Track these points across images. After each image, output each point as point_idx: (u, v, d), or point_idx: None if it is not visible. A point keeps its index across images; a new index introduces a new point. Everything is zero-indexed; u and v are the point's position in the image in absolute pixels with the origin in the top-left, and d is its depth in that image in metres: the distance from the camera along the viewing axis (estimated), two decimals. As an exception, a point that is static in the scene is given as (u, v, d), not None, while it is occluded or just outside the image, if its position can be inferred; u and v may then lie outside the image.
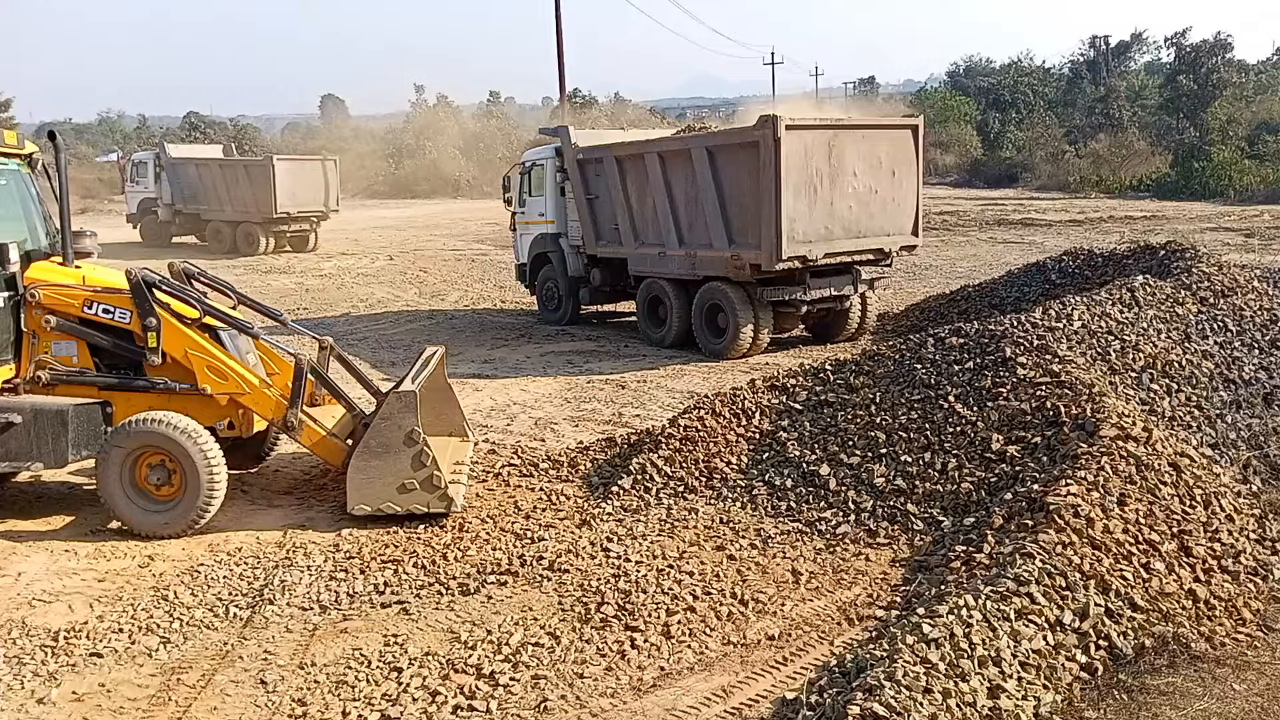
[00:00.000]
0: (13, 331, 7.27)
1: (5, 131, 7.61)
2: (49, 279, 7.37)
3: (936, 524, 6.53)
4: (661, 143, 14.35)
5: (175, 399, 7.36)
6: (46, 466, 7.20)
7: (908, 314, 15.14)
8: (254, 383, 7.35)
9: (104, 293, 7.38)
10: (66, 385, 7.38)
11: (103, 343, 7.41)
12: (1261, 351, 8.55)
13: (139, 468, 7.07)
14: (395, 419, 6.96)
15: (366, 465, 7.00)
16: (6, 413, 7.02)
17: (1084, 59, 61.67)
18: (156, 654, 5.41)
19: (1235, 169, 37.59)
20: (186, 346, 7.28)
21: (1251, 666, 4.90)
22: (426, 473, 7.00)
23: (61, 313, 7.31)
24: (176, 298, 7.42)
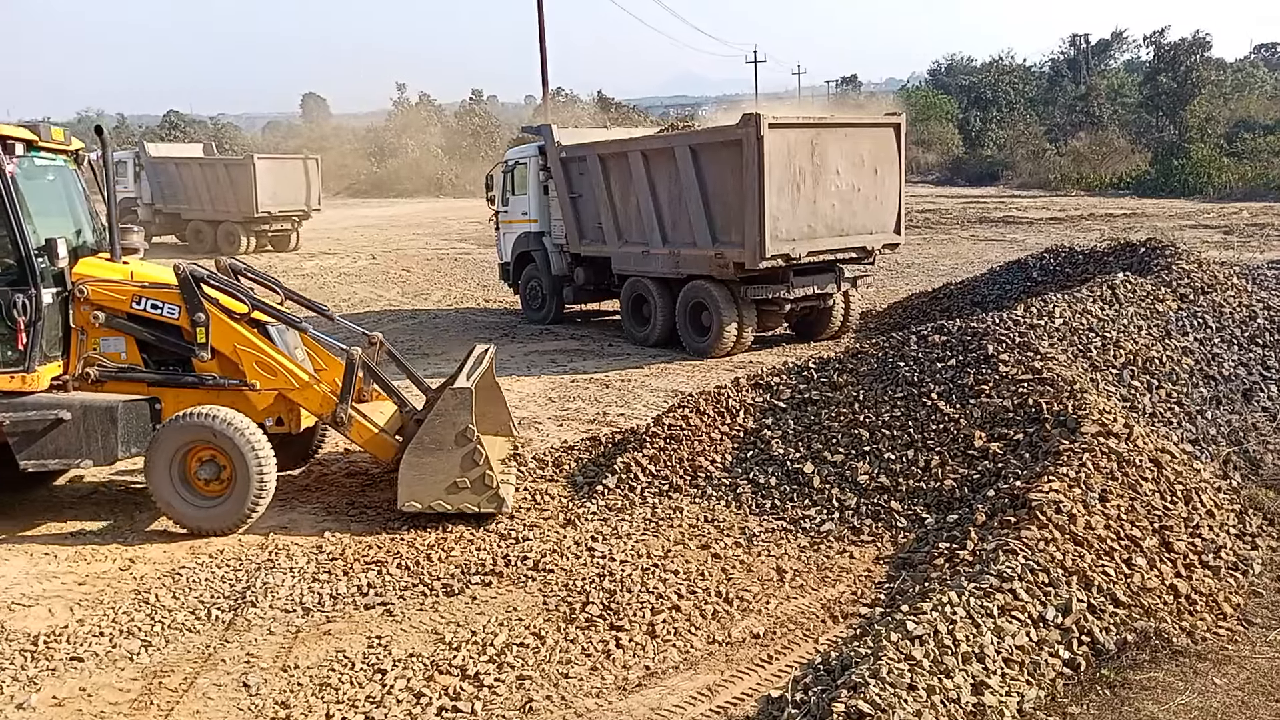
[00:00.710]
0: (61, 328, 7.24)
1: (53, 128, 7.58)
2: (97, 275, 7.34)
3: (920, 521, 6.56)
4: (645, 141, 14.34)
5: (224, 394, 7.34)
6: (96, 463, 7.19)
7: (890, 312, 15.19)
8: (303, 378, 7.34)
9: (152, 288, 7.35)
10: (115, 382, 7.35)
11: (151, 338, 7.39)
12: (1240, 348, 8.63)
13: (189, 463, 7.05)
14: (450, 416, 6.90)
15: (419, 462, 6.93)
16: (56, 410, 7.00)
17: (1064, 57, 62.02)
18: (138, 657, 5.37)
19: (1214, 166, 37.85)
20: (235, 341, 7.28)
21: (1232, 661, 4.93)
22: (479, 472, 6.93)
23: (110, 308, 7.27)
24: (225, 292, 7.41)
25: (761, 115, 12.00)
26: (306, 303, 8.29)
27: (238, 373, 7.32)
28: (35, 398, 7.03)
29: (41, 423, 6.97)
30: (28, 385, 6.98)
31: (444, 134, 63.93)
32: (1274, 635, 5.19)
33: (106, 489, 8.20)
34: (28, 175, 7.10)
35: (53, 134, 7.47)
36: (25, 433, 6.97)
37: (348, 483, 8.23)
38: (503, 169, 17.08)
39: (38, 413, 6.97)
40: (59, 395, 7.15)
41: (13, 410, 6.96)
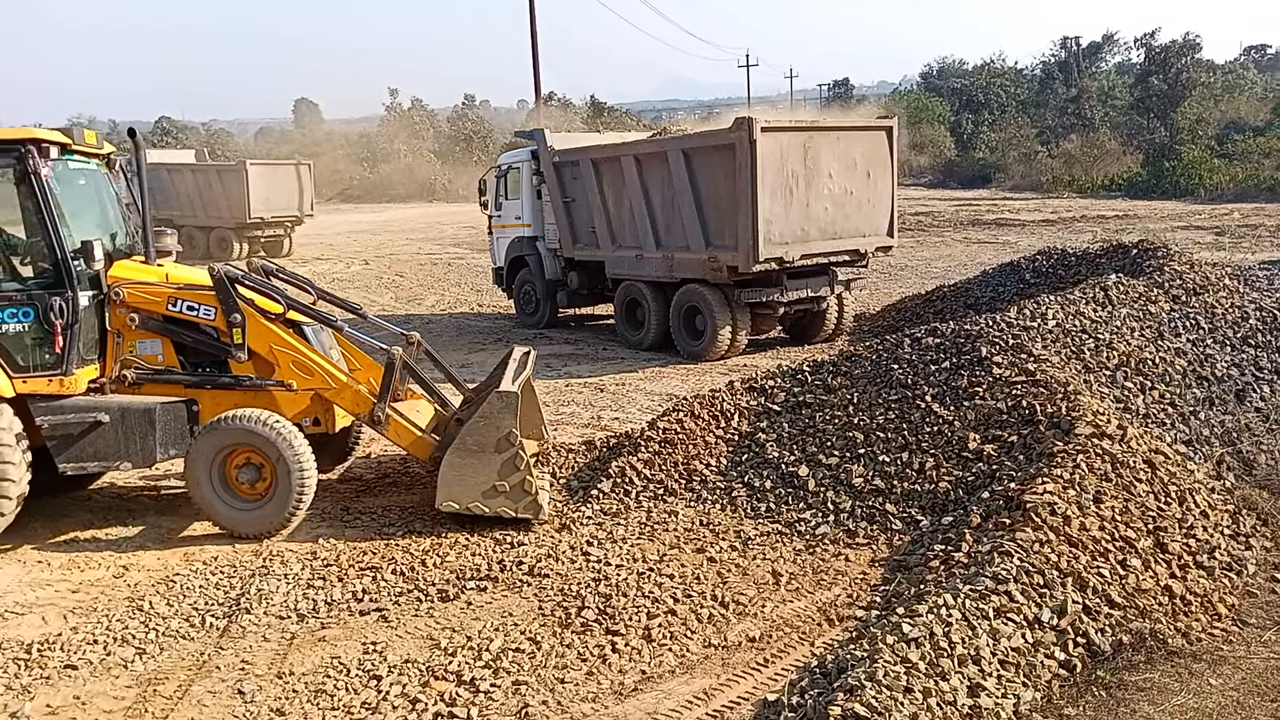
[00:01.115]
0: (97, 331, 7.24)
1: (86, 131, 7.57)
2: (133, 277, 7.35)
3: (915, 523, 6.56)
4: (638, 145, 14.35)
5: (260, 395, 7.35)
6: (135, 466, 7.21)
7: (884, 314, 15.21)
8: (340, 378, 7.34)
9: (188, 290, 7.35)
10: (152, 384, 7.35)
11: (187, 340, 7.39)
12: (1233, 349, 8.65)
13: (228, 466, 7.05)
14: (494, 419, 6.88)
15: (460, 463, 6.92)
16: (94, 412, 7.00)
17: (1055, 60, 62.10)
18: (132, 665, 5.35)
19: (1205, 168, 37.99)
20: (271, 342, 7.29)
21: (1227, 661, 4.94)
22: (519, 477, 6.92)
23: (146, 311, 7.27)
24: (260, 293, 7.42)
25: (754, 119, 12.02)
26: (339, 302, 8.27)
27: (274, 373, 7.34)
28: (73, 401, 7.05)
29: (80, 426, 6.98)
30: (65, 388, 7.00)
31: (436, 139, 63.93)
32: (1269, 635, 5.20)
33: (99, 496, 8.17)
34: (62, 179, 7.12)
35: (86, 137, 7.49)
36: (64, 436, 6.99)
37: (342, 489, 8.21)
38: (496, 174, 17.10)
39: (76, 416, 6.99)
40: (97, 398, 7.17)
41: (51, 414, 6.97)
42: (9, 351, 6.89)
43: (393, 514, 7.50)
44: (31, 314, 6.89)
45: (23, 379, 6.92)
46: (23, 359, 6.91)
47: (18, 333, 6.89)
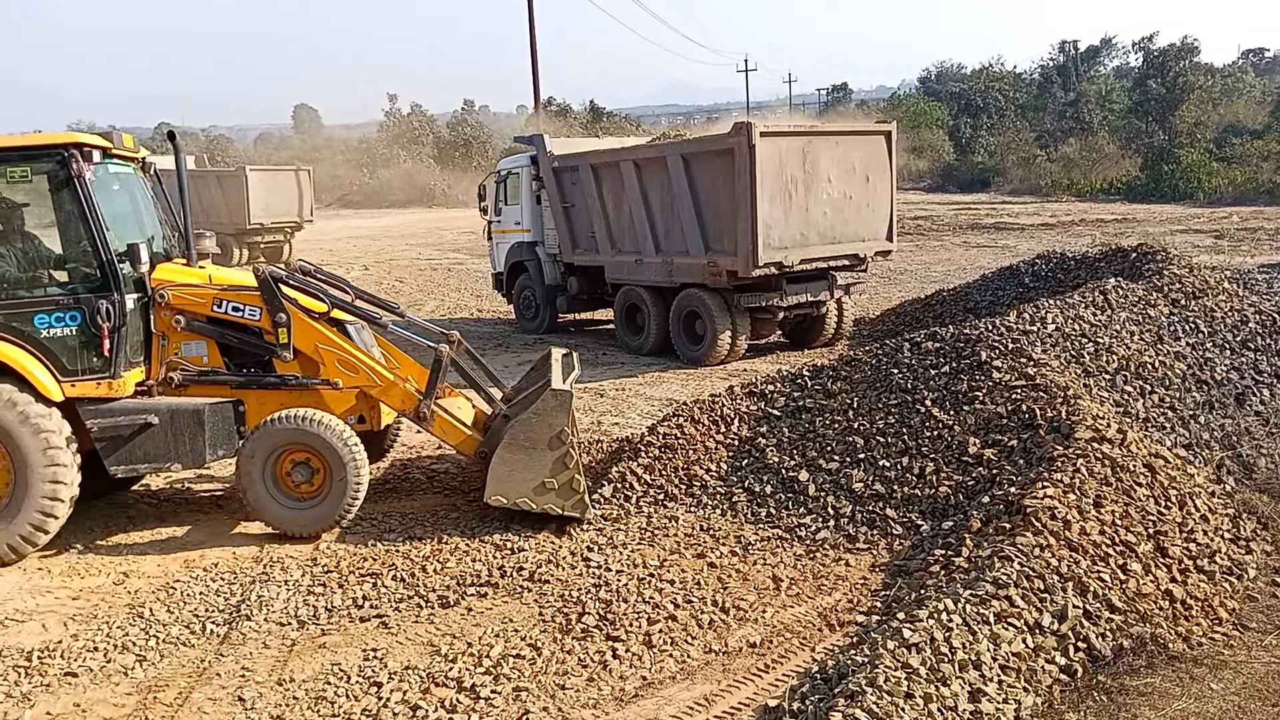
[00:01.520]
0: (142, 333, 7.28)
1: (124, 136, 7.61)
2: (177, 279, 7.39)
3: (915, 528, 6.56)
4: (637, 150, 14.36)
5: (306, 394, 7.39)
6: (184, 467, 7.26)
7: (884, 319, 15.22)
8: (386, 375, 7.40)
9: (233, 291, 7.40)
10: (198, 385, 7.38)
11: (232, 341, 7.43)
12: (1232, 352, 8.65)
13: (281, 465, 7.08)
14: (548, 416, 6.91)
15: (511, 458, 6.94)
16: (144, 414, 7.03)
17: (1054, 64, 62.25)
18: (133, 672, 5.35)
19: (1204, 171, 38.06)
20: (317, 341, 7.34)
21: (1228, 666, 4.94)
22: (568, 476, 6.95)
23: (191, 312, 7.32)
24: (304, 292, 7.47)
25: (753, 124, 12.04)
26: (377, 301, 8.29)
27: (319, 372, 7.39)
28: (122, 403, 7.07)
29: (130, 428, 7.02)
30: (114, 391, 7.02)
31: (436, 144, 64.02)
32: (1269, 640, 5.19)
33: (99, 503, 8.17)
34: (102, 183, 7.15)
35: (124, 141, 7.54)
36: (113, 438, 7.02)
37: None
38: (495, 179, 17.12)
39: (126, 418, 7.02)
40: (145, 400, 7.21)
41: (100, 416, 7.00)
42: (57, 356, 6.92)
43: (393, 520, 7.50)
44: (79, 318, 6.92)
45: (71, 383, 6.94)
46: (71, 363, 6.94)
47: (65, 337, 6.92)
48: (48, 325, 6.89)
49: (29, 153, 6.93)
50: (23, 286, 6.94)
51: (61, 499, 6.82)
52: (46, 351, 6.88)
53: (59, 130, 6.84)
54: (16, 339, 6.83)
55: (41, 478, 6.72)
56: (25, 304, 6.88)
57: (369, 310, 7.78)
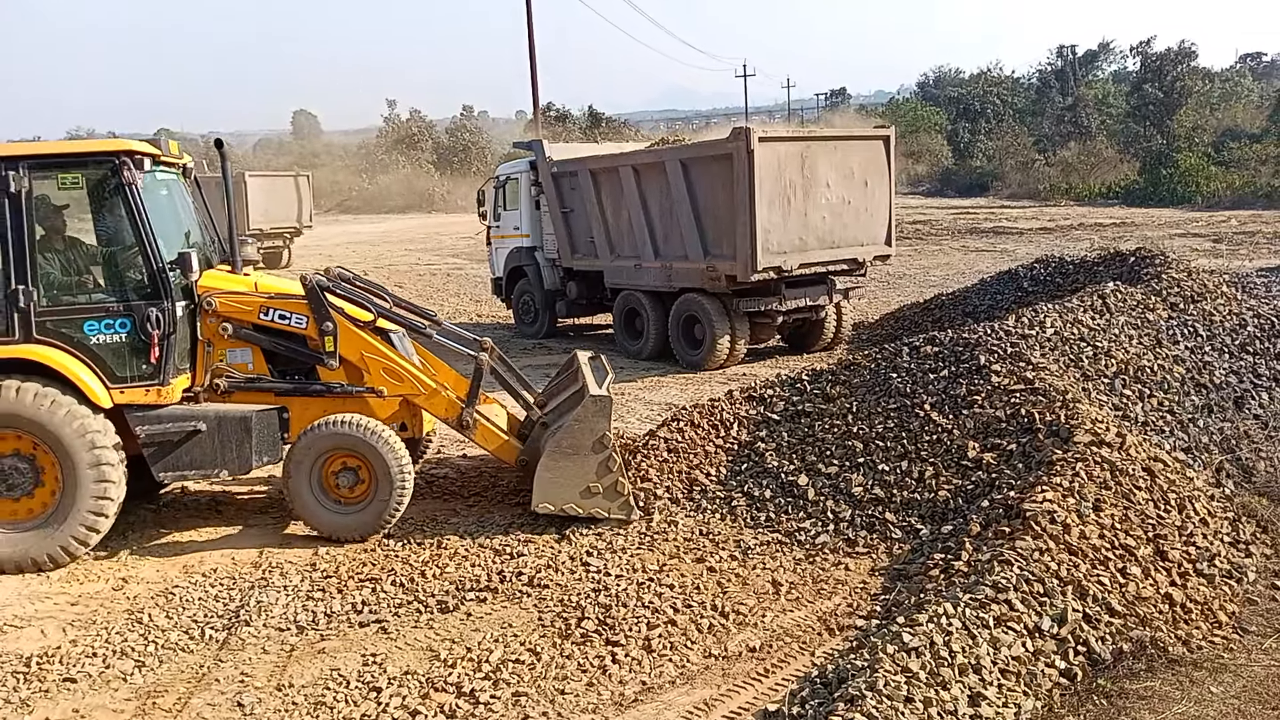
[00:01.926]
0: (189, 340, 7.29)
1: (170, 142, 7.65)
2: (223, 287, 7.42)
3: (915, 532, 6.56)
4: (636, 156, 14.37)
5: (350, 402, 7.43)
6: (231, 474, 7.30)
7: (883, 323, 15.22)
8: (429, 383, 7.46)
9: (279, 299, 7.43)
10: (243, 392, 7.40)
11: (277, 349, 7.45)
12: (1231, 356, 8.66)
13: (327, 470, 7.13)
14: (589, 422, 6.98)
15: (555, 465, 7.01)
16: (191, 421, 7.06)
17: (1052, 69, 62.36)
18: (131, 678, 5.34)
19: (1202, 175, 38.13)
20: (362, 349, 7.38)
21: (1228, 669, 4.94)
22: (612, 479, 7.04)
23: (238, 320, 7.35)
24: (350, 301, 7.51)
25: (751, 129, 12.05)
26: (414, 309, 8.31)
27: (362, 380, 7.43)
28: (170, 410, 7.10)
29: (178, 435, 7.05)
30: (162, 398, 7.05)
31: (435, 150, 64.09)
32: (1269, 643, 5.19)
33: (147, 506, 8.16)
34: (149, 190, 7.17)
35: (170, 147, 7.57)
36: (161, 445, 7.05)
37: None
38: (494, 184, 17.14)
39: (175, 425, 7.05)
40: (193, 407, 7.23)
41: (148, 423, 7.02)
42: (106, 362, 6.94)
43: (391, 525, 7.49)
44: (128, 325, 6.94)
45: (120, 389, 6.96)
46: (120, 369, 6.96)
47: (115, 343, 6.93)
48: (97, 332, 6.91)
49: (81, 159, 6.96)
50: (72, 293, 6.98)
51: (109, 505, 6.84)
52: (95, 358, 6.91)
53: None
54: (66, 345, 6.85)
55: (90, 484, 6.75)
56: (75, 310, 6.91)
57: (410, 318, 7.84)
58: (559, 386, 8.41)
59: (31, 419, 6.66)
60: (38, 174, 6.82)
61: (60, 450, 6.70)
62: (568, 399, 7.70)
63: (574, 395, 7.57)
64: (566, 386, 8.15)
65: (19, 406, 6.64)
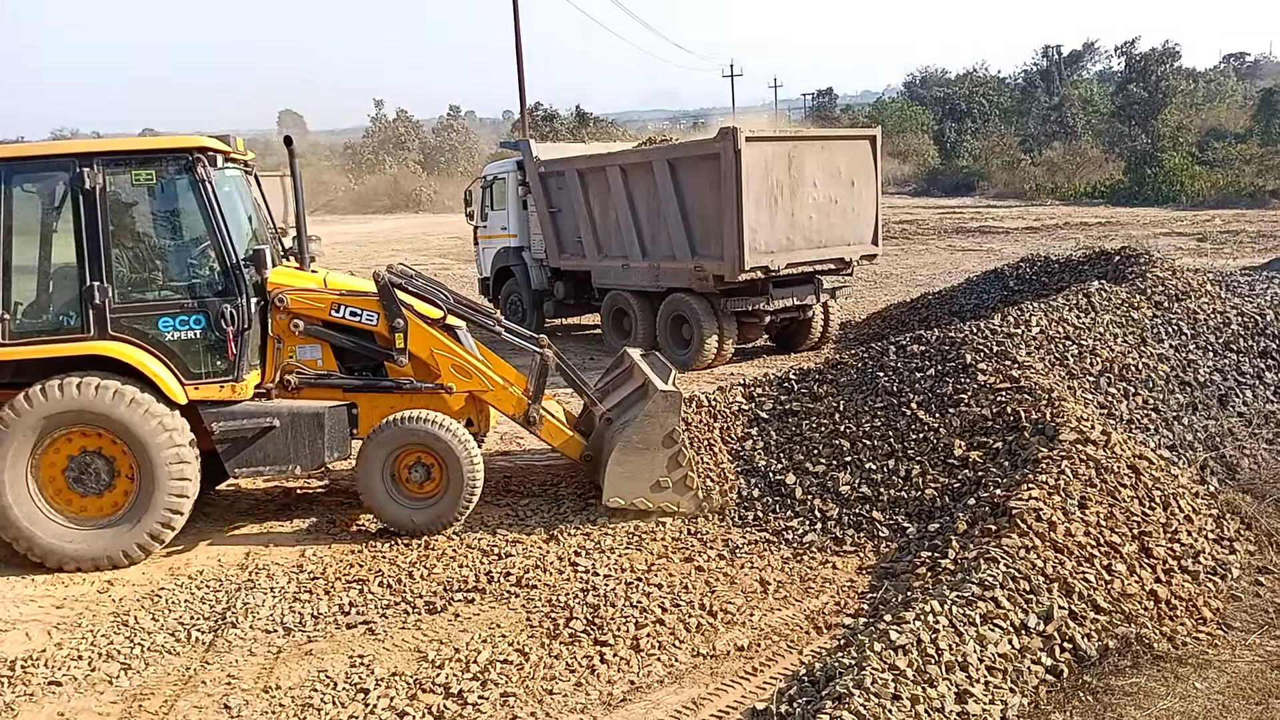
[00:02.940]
0: (259, 337, 7.29)
1: (237, 139, 7.66)
2: (294, 284, 7.43)
3: (902, 530, 6.58)
4: (623, 155, 14.36)
5: (417, 398, 7.47)
6: (303, 470, 7.33)
7: (869, 322, 15.26)
8: (497, 380, 7.52)
9: (351, 295, 7.47)
10: (312, 388, 7.42)
11: (347, 345, 7.47)
12: (1215, 354, 8.71)
13: (399, 466, 7.15)
14: (659, 417, 7.05)
15: (626, 459, 7.07)
16: (265, 417, 7.09)
17: (1037, 69, 62.60)
18: (117, 681, 5.31)
19: (1186, 174, 38.32)
20: (431, 346, 7.44)
21: (1213, 665, 4.97)
22: (681, 473, 7.11)
23: (309, 316, 7.36)
24: (419, 298, 7.55)
25: (738, 129, 12.06)
26: (474, 306, 8.33)
27: (428, 376, 7.48)
28: (244, 406, 7.13)
29: (252, 431, 7.09)
30: (235, 394, 7.07)
31: (422, 150, 63.93)
32: (1253, 639, 5.23)
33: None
34: (218, 186, 7.17)
35: (237, 145, 7.59)
36: (235, 441, 7.09)
37: (328, 500, 8.18)
38: (481, 184, 17.11)
39: (249, 421, 7.09)
40: (265, 403, 7.26)
41: (222, 419, 7.05)
42: (181, 359, 6.96)
43: (379, 526, 7.47)
44: (203, 321, 6.97)
45: (195, 386, 6.98)
46: (194, 366, 6.99)
47: (189, 340, 6.96)
48: (172, 328, 6.93)
49: (155, 155, 6.98)
50: (146, 289, 7.00)
51: (185, 501, 6.88)
52: (170, 354, 6.93)
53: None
54: (141, 341, 6.87)
55: (166, 480, 6.77)
56: (149, 307, 6.93)
57: (474, 315, 7.90)
58: (614, 384, 8.50)
59: (109, 415, 6.67)
60: (112, 170, 6.85)
61: (137, 447, 6.72)
62: (630, 395, 7.77)
63: (637, 391, 7.66)
64: (622, 383, 8.22)
65: (97, 403, 6.66)
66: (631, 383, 7.97)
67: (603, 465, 7.21)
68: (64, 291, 6.96)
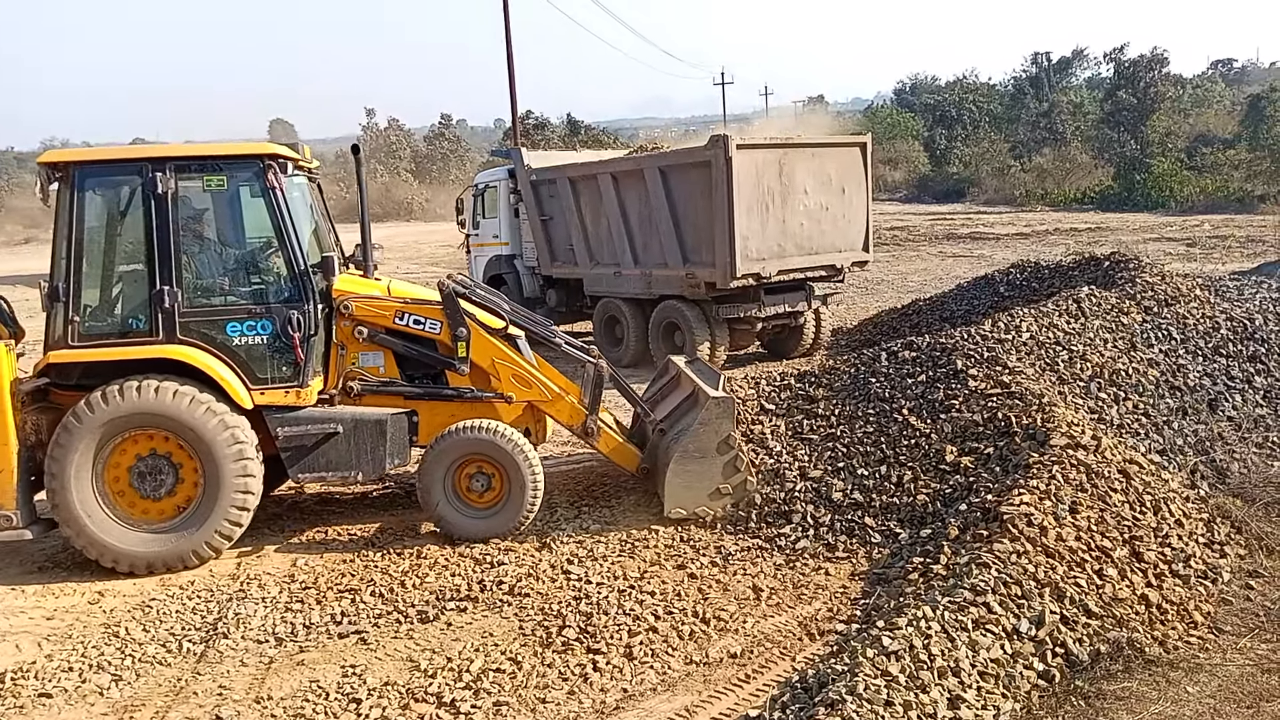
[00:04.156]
0: (323, 344, 7.30)
1: (304, 147, 7.71)
2: (359, 291, 7.48)
3: (894, 536, 6.59)
4: (615, 163, 14.39)
5: (477, 406, 7.49)
6: (365, 477, 7.34)
7: (861, 329, 15.28)
8: (555, 390, 7.54)
9: (415, 304, 7.52)
10: (374, 395, 7.44)
11: (409, 353, 7.50)
12: (1205, 359, 8.74)
13: (460, 475, 7.17)
14: (713, 425, 7.10)
15: (684, 469, 7.12)
16: (330, 423, 7.12)
17: (1027, 75, 62.83)
18: (108, 692, 5.29)
19: (1175, 180, 38.45)
20: (493, 355, 7.48)
21: (1204, 669, 4.98)
22: (740, 478, 7.17)
23: (373, 324, 7.41)
24: (482, 307, 7.61)
25: (729, 136, 12.10)
26: (530, 316, 8.34)
27: (487, 385, 7.51)
28: (308, 412, 7.15)
29: (315, 437, 7.12)
30: (300, 400, 7.11)
31: (413, 158, 63.89)
32: (1244, 642, 5.25)
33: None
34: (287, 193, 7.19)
35: (304, 152, 7.65)
36: (299, 447, 7.12)
37: (320, 510, 8.16)
38: (473, 192, 17.12)
39: (314, 427, 7.12)
40: (329, 409, 7.28)
41: (286, 425, 7.08)
42: (247, 364, 6.99)
43: (371, 535, 7.46)
44: (270, 327, 7.01)
45: (261, 391, 7.01)
46: (260, 371, 7.03)
47: (256, 345, 7.01)
48: (239, 333, 6.98)
49: (228, 162, 7.03)
50: (214, 294, 7.06)
51: (249, 506, 6.90)
52: (237, 359, 6.98)
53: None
54: (209, 346, 6.90)
55: (232, 484, 6.80)
56: (217, 311, 6.98)
57: (532, 326, 7.93)
58: (662, 393, 8.55)
59: (177, 419, 6.71)
60: (184, 176, 6.91)
61: (203, 450, 6.75)
62: (681, 404, 7.80)
63: (687, 400, 7.68)
64: (670, 392, 8.23)
65: (166, 406, 6.69)
66: (680, 391, 8.02)
67: (660, 477, 7.23)
68: (133, 295, 7.02)
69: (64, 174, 6.82)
